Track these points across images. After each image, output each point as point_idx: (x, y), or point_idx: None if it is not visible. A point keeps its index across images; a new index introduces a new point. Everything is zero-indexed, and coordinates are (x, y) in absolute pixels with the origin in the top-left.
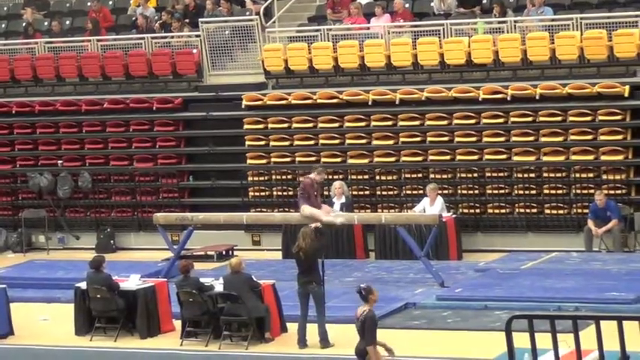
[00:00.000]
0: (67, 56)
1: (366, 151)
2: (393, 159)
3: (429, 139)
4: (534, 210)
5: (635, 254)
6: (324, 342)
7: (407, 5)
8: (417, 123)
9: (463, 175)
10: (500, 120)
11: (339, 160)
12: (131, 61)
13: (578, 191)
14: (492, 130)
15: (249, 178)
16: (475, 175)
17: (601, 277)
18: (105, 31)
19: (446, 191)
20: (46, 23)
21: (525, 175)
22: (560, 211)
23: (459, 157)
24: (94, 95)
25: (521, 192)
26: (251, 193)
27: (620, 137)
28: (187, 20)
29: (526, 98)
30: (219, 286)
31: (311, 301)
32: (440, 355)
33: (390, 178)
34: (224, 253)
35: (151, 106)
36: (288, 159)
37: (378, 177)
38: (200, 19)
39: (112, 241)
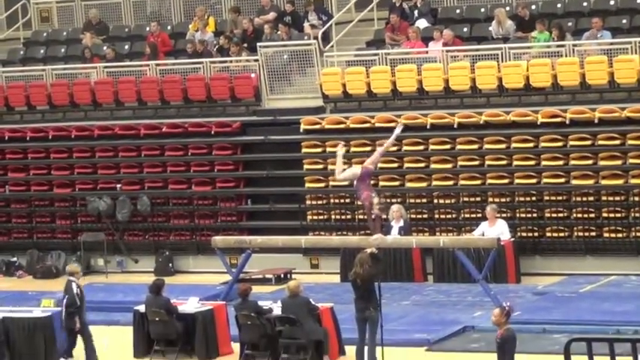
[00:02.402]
0: (126, 80)
1: (425, 175)
2: (451, 182)
3: (487, 162)
4: (593, 233)
5: None
6: None
7: (465, 29)
8: (475, 147)
9: (521, 198)
10: (559, 143)
11: (397, 183)
12: (189, 86)
13: (637, 214)
14: (551, 153)
15: (308, 202)
16: (533, 198)
17: None
18: (163, 55)
19: (504, 214)
20: (105, 48)
21: (584, 199)
22: (619, 235)
23: (517, 181)
24: (152, 119)
25: (579, 215)
26: (309, 217)
27: None
28: (245, 45)
29: (585, 122)
30: (277, 309)
31: None
32: None
33: (448, 201)
34: (282, 276)
35: (210, 130)
36: (346, 182)
37: (436, 200)
38: (258, 44)
39: (170, 265)
